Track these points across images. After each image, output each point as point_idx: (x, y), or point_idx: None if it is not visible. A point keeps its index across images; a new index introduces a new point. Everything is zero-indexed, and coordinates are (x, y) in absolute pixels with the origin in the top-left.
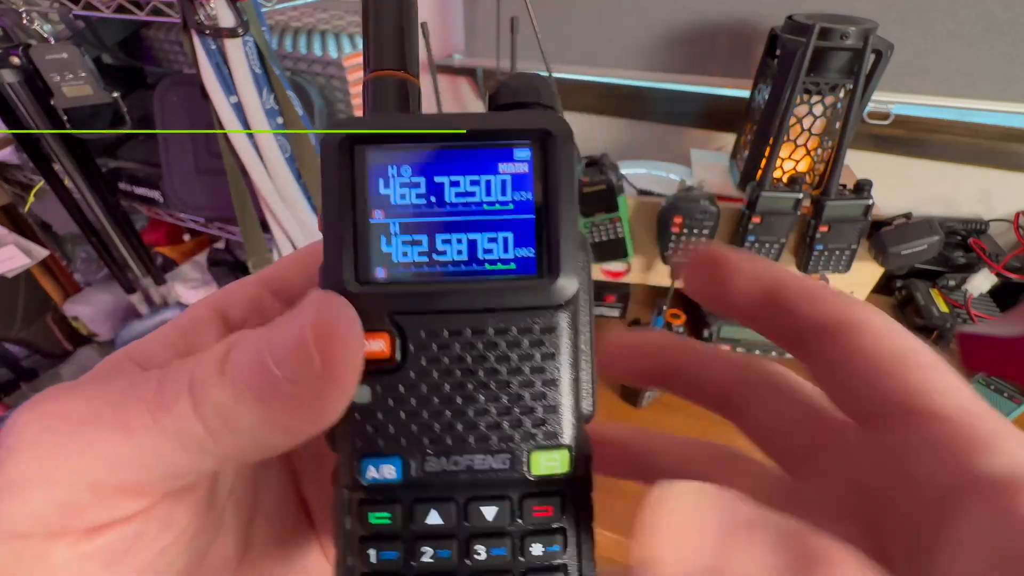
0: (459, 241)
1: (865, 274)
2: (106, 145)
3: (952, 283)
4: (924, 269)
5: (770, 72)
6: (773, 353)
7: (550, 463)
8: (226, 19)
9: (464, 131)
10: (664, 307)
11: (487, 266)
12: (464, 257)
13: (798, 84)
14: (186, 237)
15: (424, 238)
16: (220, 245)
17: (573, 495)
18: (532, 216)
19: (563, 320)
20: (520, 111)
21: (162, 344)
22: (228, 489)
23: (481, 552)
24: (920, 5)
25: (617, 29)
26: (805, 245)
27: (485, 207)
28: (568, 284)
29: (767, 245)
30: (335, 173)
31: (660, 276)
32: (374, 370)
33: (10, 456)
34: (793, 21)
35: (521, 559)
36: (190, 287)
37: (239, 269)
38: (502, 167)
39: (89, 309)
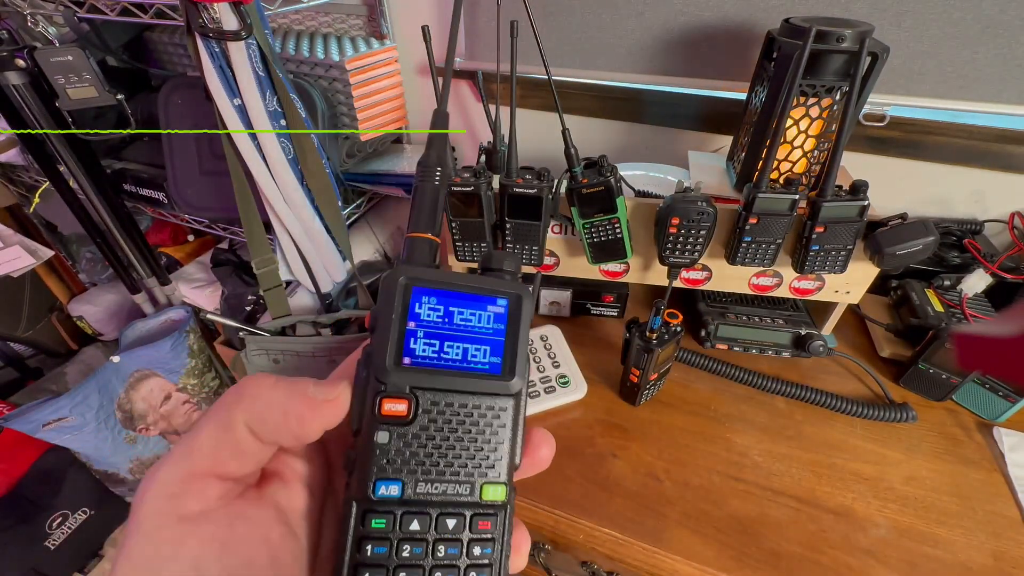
0: (458, 348)
1: (861, 274)
2: (111, 146)
3: (947, 283)
4: (919, 269)
5: (767, 75)
6: (770, 352)
7: (494, 493)
8: (229, 22)
9: (479, 288)
10: (662, 306)
11: (472, 365)
12: (459, 358)
13: (795, 86)
14: (190, 238)
15: (437, 342)
16: (224, 245)
17: (503, 517)
18: (503, 339)
19: (511, 405)
20: (501, 278)
21: None
22: (297, 512)
23: (442, 551)
24: (916, 8)
25: (616, 33)
26: (801, 246)
27: (476, 329)
28: (518, 383)
29: (763, 246)
30: (392, 297)
31: (658, 276)
32: (393, 422)
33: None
34: (790, 24)
35: (466, 558)
36: (194, 287)
37: (243, 269)
38: (489, 307)
39: (94, 309)
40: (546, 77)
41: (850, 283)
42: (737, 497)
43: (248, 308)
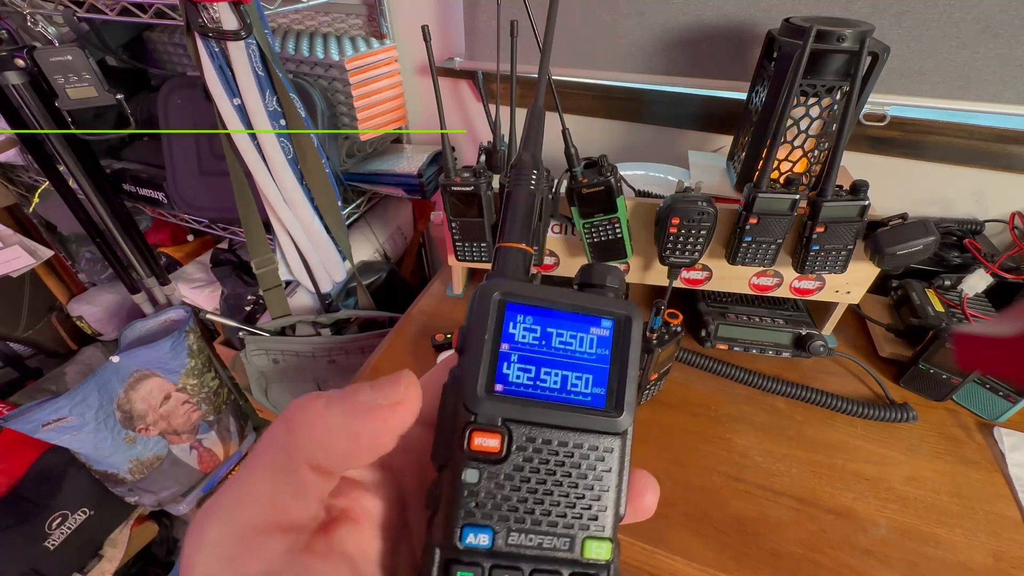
0: (556, 375)
1: (861, 274)
2: (110, 146)
3: (948, 283)
4: (920, 269)
5: (767, 74)
6: (770, 352)
7: (598, 550)
8: (229, 22)
9: (581, 307)
10: (662, 306)
11: (572, 396)
12: (557, 387)
13: (795, 86)
14: (190, 237)
15: (533, 368)
16: (223, 245)
17: None
18: (607, 366)
19: (618, 445)
20: (607, 296)
21: None
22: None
23: None
24: (916, 8)
25: (616, 32)
26: (802, 246)
27: (576, 354)
28: (627, 420)
29: (764, 246)
30: (485, 316)
31: (658, 276)
32: (484, 459)
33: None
34: (790, 24)
35: None
36: (193, 287)
37: (242, 269)
38: (592, 329)
39: (93, 309)
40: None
41: (850, 283)
42: (737, 497)
43: (248, 308)
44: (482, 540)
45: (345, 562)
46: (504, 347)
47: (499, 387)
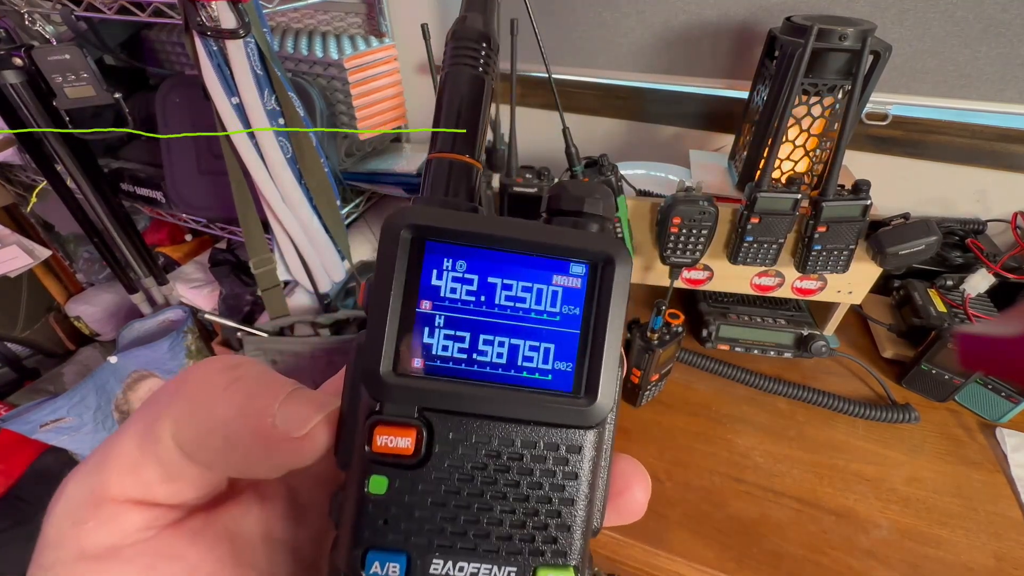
0: (501, 344)
1: (863, 274)
2: (108, 146)
3: (950, 283)
4: (922, 269)
5: (768, 73)
6: (772, 353)
7: None
8: (227, 20)
9: (540, 246)
10: (663, 307)
11: (524, 374)
12: (503, 361)
13: (796, 85)
14: (188, 237)
15: (467, 335)
16: (222, 245)
17: None
18: (577, 332)
19: (590, 441)
20: (582, 229)
21: None
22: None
23: None
24: (918, 6)
25: (617, 31)
26: (803, 245)
27: (532, 315)
28: (602, 408)
29: (765, 245)
30: (391, 258)
31: (659, 276)
32: (394, 463)
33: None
34: (791, 22)
35: None
36: (192, 287)
37: (241, 269)
38: (556, 278)
39: (91, 309)
40: (546, 75)
41: (852, 283)
42: (738, 498)
43: (246, 308)
44: (392, 570)
45: (224, 543)
46: (424, 305)
47: (416, 363)
